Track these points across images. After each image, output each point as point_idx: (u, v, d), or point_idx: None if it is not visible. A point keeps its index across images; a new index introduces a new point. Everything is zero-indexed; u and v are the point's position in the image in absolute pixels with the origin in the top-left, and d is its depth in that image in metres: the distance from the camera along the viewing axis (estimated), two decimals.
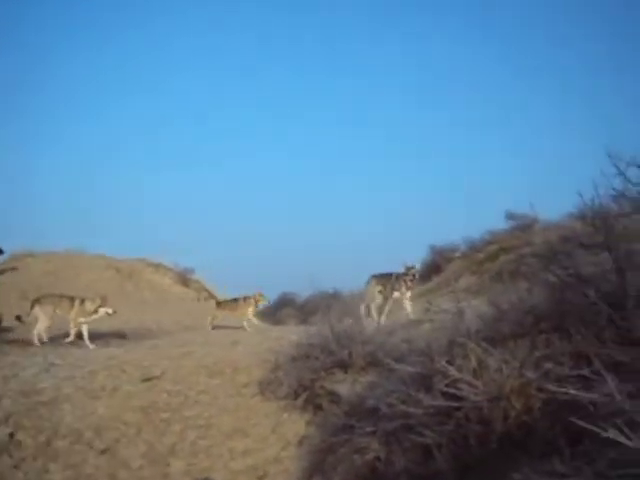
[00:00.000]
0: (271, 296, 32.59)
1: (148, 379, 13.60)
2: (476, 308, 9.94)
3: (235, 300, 20.42)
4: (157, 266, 30.61)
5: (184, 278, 30.09)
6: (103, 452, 11.28)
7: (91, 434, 11.69)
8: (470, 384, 7.60)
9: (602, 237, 8.70)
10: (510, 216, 23.72)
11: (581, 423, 5.55)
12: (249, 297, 20.06)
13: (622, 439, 4.57)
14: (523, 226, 22.76)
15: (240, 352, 14.94)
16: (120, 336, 19.09)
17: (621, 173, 7.46)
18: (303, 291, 26.05)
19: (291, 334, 15.28)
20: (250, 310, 19.90)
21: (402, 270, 18.25)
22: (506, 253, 21.06)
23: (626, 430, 4.65)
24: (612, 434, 4.66)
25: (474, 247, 24.42)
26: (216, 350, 15.24)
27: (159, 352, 15.63)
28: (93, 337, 17.68)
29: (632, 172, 7.50)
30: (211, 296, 26.98)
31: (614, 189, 7.68)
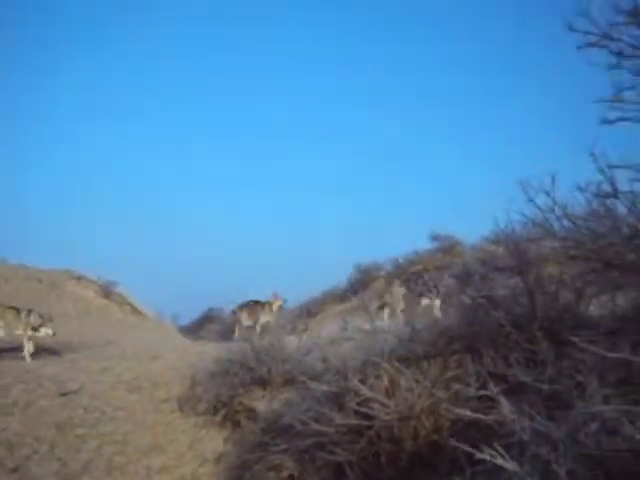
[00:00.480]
0: (197, 311, 32.28)
1: (65, 394, 13.32)
2: (394, 327, 10.11)
3: (256, 303, 18.70)
4: (80, 278, 30.03)
5: (107, 291, 29.58)
6: (13, 471, 10.97)
7: (2, 451, 11.38)
8: (382, 403, 7.73)
9: (515, 261, 8.99)
10: (434, 237, 24.19)
11: (457, 443, 5.72)
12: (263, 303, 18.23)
13: (499, 461, 4.72)
14: (447, 247, 23.24)
15: (160, 367, 14.75)
16: (40, 349, 18.64)
17: (531, 200, 7.72)
18: (230, 307, 25.85)
19: (213, 350, 15.17)
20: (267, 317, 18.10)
21: None
22: (429, 273, 21.44)
23: (502, 451, 4.80)
24: (488, 455, 4.81)
25: (399, 267, 24.77)
26: (136, 365, 15.02)
27: (78, 366, 15.30)
28: (11, 349, 17.19)
29: (541, 199, 7.76)
30: (135, 310, 26.65)
31: (524, 215, 7.94)
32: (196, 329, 29.93)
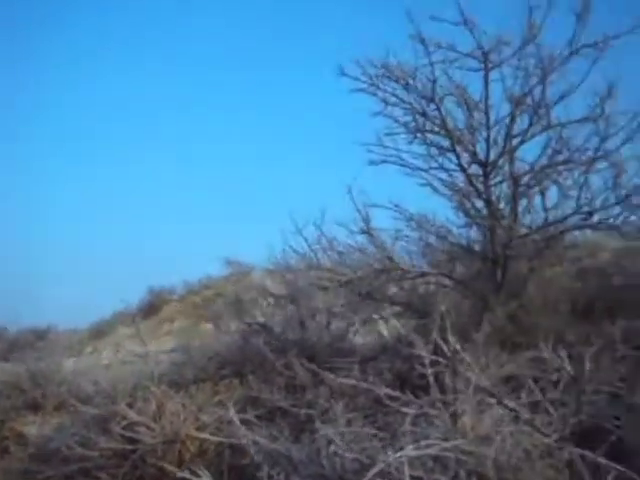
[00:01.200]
0: None
1: None
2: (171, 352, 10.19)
3: None
4: None
5: None
6: None
7: None
8: (148, 427, 7.75)
9: (288, 290, 9.40)
10: (228, 263, 24.31)
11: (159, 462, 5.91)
12: None
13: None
14: (241, 272, 23.46)
15: None
16: None
17: (299, 232, 8.14)
18: (15, 325, 24.44)
19: None
20: None
21: None
22: (222, 298, 21.49)
23: (204, 471, 5.07)
24: (188, 474, 5.08)
25: (191, 290, 24.68)
26: None
27: None
28: None
29: (309, 231, 8.22)
30: None
31: (291, 247, 8.35)
32: None
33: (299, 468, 5.27)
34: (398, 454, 3.96)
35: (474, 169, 7.86)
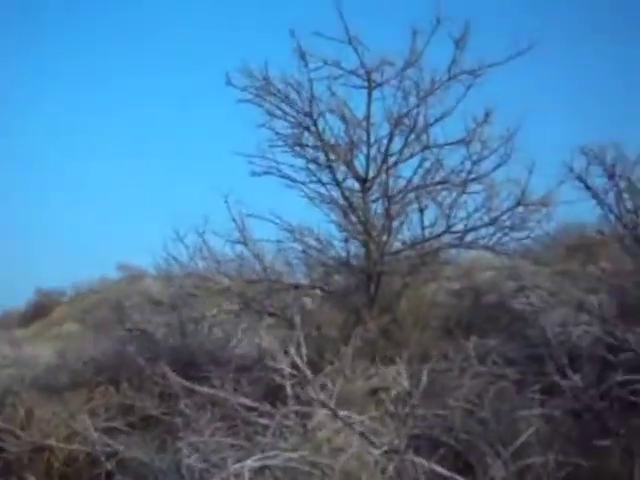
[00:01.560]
0: None
1: None
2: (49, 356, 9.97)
3: None
4: None
5: None
6: None
7: None
8: (14, 434, 7.55)
9: (169, 297, 9.37)
10: (120, 267, 23.86)
11: None
12: None
13: None
14: (132, 277, 23.06)
15: None
16: None
17: (180, 239, 8.17)
18: None
19: None
20: None
21: None
22: (108, 303, 20.97)
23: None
24: None
25: (81, 294, 24.10)
26: None
27: None
28: None
29: (190, 239, 8.25)
30: None
31: (170, 254, 8.34)
32: None
33: (159, 477, 5.28)
34: (238, 465, 4.03)
35: (353, 185, 8.05)
